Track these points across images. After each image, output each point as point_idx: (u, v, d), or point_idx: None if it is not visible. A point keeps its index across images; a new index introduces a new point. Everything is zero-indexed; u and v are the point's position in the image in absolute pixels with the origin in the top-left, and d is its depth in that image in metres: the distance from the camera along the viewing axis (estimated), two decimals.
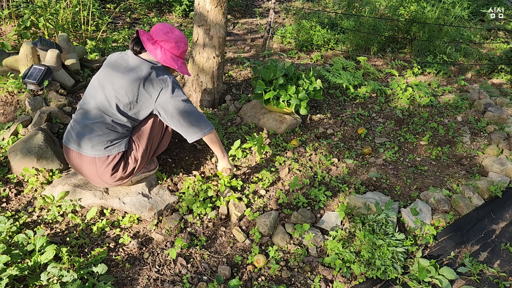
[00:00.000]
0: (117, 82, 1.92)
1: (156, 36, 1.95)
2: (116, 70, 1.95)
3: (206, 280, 1.81)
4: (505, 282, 1.90)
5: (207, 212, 2.17)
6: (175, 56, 2.01)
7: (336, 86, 3.87)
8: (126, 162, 2.02)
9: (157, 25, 1.99)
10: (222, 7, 2.79)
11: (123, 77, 1.92)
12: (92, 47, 4.06)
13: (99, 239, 1.95)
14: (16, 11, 4.28)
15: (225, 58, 3.96)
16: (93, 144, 1.93)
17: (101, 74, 2.00)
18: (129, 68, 1.94)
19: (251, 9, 7.28)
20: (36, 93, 2.86)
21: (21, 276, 1.62)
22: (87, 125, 1.94)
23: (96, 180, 2.06)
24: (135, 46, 1.97)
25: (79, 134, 1.96)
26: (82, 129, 1.95)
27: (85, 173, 2.03)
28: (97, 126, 1.93)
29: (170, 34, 1.97)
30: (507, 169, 2.66)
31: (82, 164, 1.99)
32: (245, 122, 3.10)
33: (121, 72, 1.93)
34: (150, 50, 1.94)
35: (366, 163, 2.77)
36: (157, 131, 2.11)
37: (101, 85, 1.96)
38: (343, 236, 2.05)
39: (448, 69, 4.55)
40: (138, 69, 1.93)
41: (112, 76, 1.94)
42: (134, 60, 1.96)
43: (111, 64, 1.99)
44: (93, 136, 1.93)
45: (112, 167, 1.97)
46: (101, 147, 1.93)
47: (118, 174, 2.01)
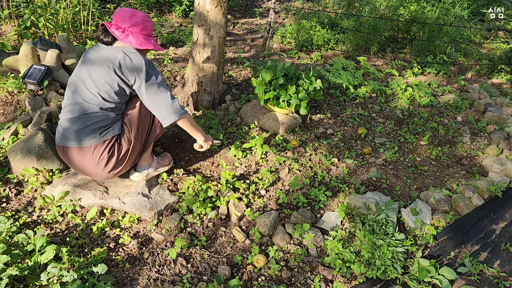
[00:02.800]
0: (94, 73, 1.96)
1: (123, 23, 1.98)
2: (91, 63, 1.99)
3: (206, 280, 1.81)
4: (505, 282, 1.90)
5: (207, 212, 2.17)
6: (146, 37, 2.06)
7: (336, 86, 3.87)
8: (120, 144, 2.06)
9: (118, 12, 2.00)
10: (222, 7, 2.79)
11: (99, 68, 1.96)
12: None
13: (99, 239, 1.95)
14: (16, 11, 4.28)
15: (225, 58, 3.96)
16: (87, 133, 1.96)
17: (77, 71, 2.04)
18: (103, 58, 1.97)
19: (251, 9, 7.28)
20: (36, 93, 2.86)
21: (21, 276, 1.62)
22: (77, 118, 1.97)
23: (96, 172, 2.07)
24: (105, 37, 2.01)
25: (70, 130, 1.98)
26: (73, 124, 1.98)
27: (85, 166, 2.04)
28: (88, 117, 1.97)
29: (134, 18, 1.99)
30: (507, 169, 2.66)
31: (80, 158, 2.00)
32: (245, 122, 3.10)
33: (96, 64, 1.97)
34: (122, 39, 1.98)
35: (366, 163, 2.77)
36: (145, 113, 2.15)
37: (80, 80, 2.00)
38: (343, 236, 2.05)
39: (448, 69, 4.55)
40: (112, 57, 1.96)
41: (89, 69, 1.98)
42: (107, 49, 2.00)
43: (86, 60, 2.03)
44: (86, 127, 1.96)
45: (108, 151, 2.01)
46: (95, 134, 1.97)
47: (114, 159, 2.04)
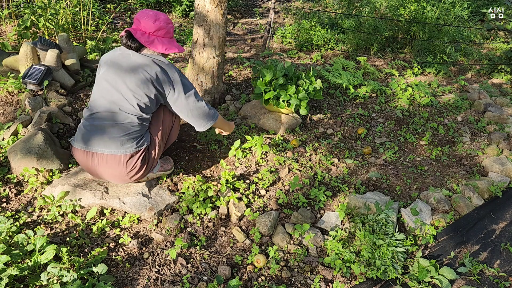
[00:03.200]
0: (131, 83, 1.92)
1: (147, 28, 1.94)
2: (124, 71, 1.95)
3: (206, 280, 1.81)
4: (505, 282, 1.90)
5: (207, 212, 2.17)
6: (169, 39, 2.03)
7: (336, 86, 3.87)
8: (149, 152, 2.10)
9: (141, 16, 1.95)
10: (222, 7, 2.79)
11: (135, 78, 1.92)
12: (92, 47, 4.06)
13: (99, 239, 1.95)
14: (16, 11, 4.28)
15: (225, 58, 3.95)
16: (123, 142, 1.96)
17: (107, 76, 1.98)
18: (136, 67, 1.94)
19: (251, 9, 7.28)
20: (36, 93, 2.86)
21: (21, 276, 1.62)
22: (111, 126, 1.96)
23: (120, 179, 2.08)
24: (132, 43, 1.97)
25: (102, 137, 1.96)
26: (105, 131, 1.96)
27: (110, 172, 2.04)
28: (125, 126, 1.96)
29: (158, 22, 1.95)
30: (507, 169, 2.66)
31: (109, 164, 1.99)
32: (245, 122, 3.10)
33: (131, 73, 1.93)
34: (149, 46, 1.96)
35: (366, 163, 2.77)
36: (168, 121, 2.20)
37: (115, 88, 1.95)
38: (343, 236, 2.05)
39: (448, 69, 4.55)
40: (147, 67, 1.94)
41: (123, 78, 1.94)
42: (138, 57, 1.97)
43: (115, 64, 1.98)
44: (123, 135, 1.96)
45: (142, 160, 2.04)
46: (132, 143, 1.99)
47: (145, 167, 2.08)
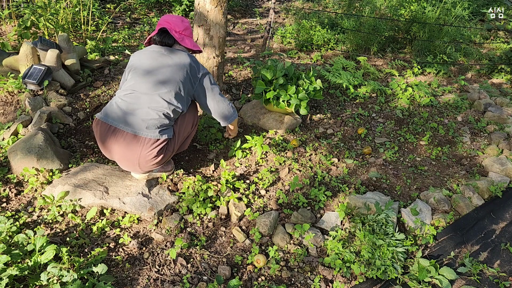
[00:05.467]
0: (175, 75, 2.06)
1: (177, 27, 2.15)
2: (166, 64, 2.07)
3: (206, 280, 1.81)
4: (505, 282, 1.90)
5: (207, 212, 2.17)
6: (192, 39, 2.25)
7: (336, 86, 3.87)
8: (168, 148, 2.13)
9: (169, 18, 2.16)
10: (222, 7, 2.79)
11: (179, 69, 2.07)
12: (92, 47, 4.06)
13: (99, 239, 1.95)
14: (16, 11, 4.28)
15: (225, 58, 3.96)
16: (149, 126, 2.01)
17: (148, 62, 2.09)
18: (177, 60, 2.09)
19: (251, 9, 7.28)
20: (36, 93, 2.86)
21: (21, 276, 1.62)
22: (142, 108, 2.02)
23: (130, 161, 2.09)
24: (168, 40, 2.14)
25: (131, 115, 2.02)
26: (136, 111, 2.02)
27: (127, 153, 2.05)
28: (155, 111, 2.02)
29: (185, 22, 2.18)
30: (507, 169, 2.66)
31: (129, 144, 2.02)
32: (245, 122, 3.10)
33: (175, 66, 2.07)
34: (181, 42, 2.14)
35: (366, 163, 2.77)
36: (187, 129, 2.27)
37: (156, 75, 2.05)
38: (343, 236, 2.05)
39: (448, 69, 4.55)
40: (184, 59, 2.11)
41: (166, 68, 2.06)
42: (176, 52, 2.13)
43: (155, 54, 2.10)
44: (151, 119, 2.01)
45: (158, 149, 2.05)
46: (155, 129, 2.03)
47: (159, 158, 2.09)
